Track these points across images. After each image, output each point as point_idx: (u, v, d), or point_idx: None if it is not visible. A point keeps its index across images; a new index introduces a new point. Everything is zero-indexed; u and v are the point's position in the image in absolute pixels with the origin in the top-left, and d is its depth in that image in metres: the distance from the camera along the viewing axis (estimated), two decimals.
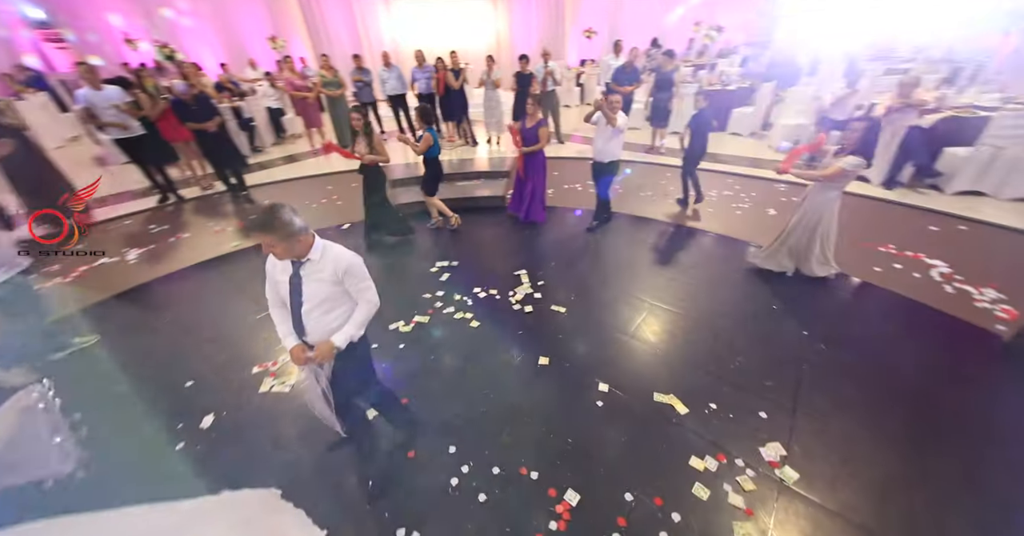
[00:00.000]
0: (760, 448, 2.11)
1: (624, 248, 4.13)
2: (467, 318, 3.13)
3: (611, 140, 3.84)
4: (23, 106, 7.23)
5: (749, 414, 2.30)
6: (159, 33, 11.22)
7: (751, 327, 2.98)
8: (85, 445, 2.16)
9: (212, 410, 2.41)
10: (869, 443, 2.12)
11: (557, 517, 1.84)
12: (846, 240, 3.48)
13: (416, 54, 6.46)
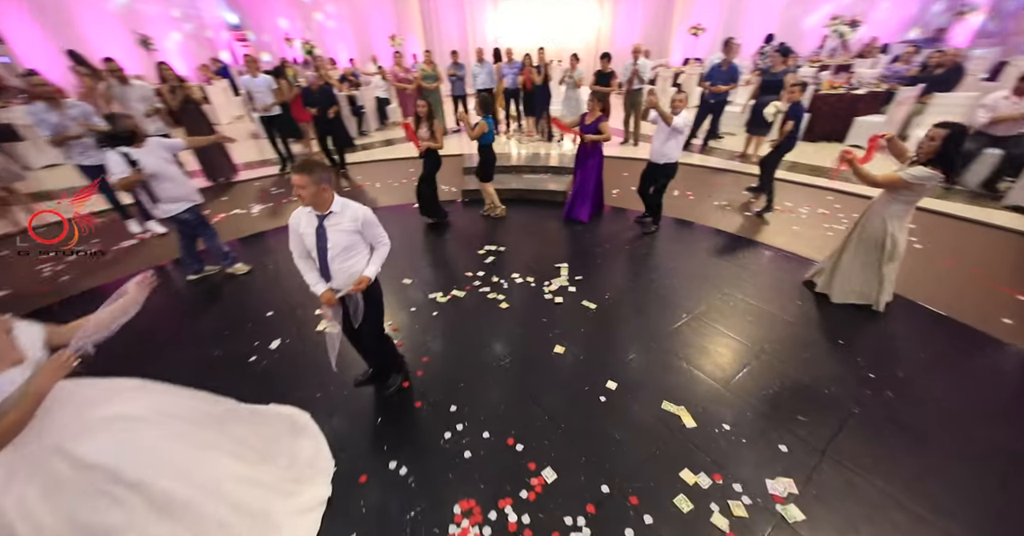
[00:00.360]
0: (768, 479, 1.93)
1: (678, 256, 3.92)
2: (499, 299, 3.32)
3: (668, 141, 3.66)
4: (210, 89, 9.30)
5: (767, 445, 2.10)
6: (311, 33, 13.38)
7: (802, 356, 2.66)
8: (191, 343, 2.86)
9: (280, 336, 2.97)
10: (903, 516, 1.79)
11: (530, 488, 1.93)
12: (979, 280, 2.87)
13: (506, 51, 6.78)
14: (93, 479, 1.22)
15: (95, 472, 1.23)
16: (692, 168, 6.17)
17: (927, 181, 2.40)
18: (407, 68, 7.38)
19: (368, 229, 1.91)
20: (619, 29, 12.13)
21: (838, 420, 2.22)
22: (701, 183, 5.60)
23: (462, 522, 1.80)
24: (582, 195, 4.40)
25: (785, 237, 4.10)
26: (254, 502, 1.56)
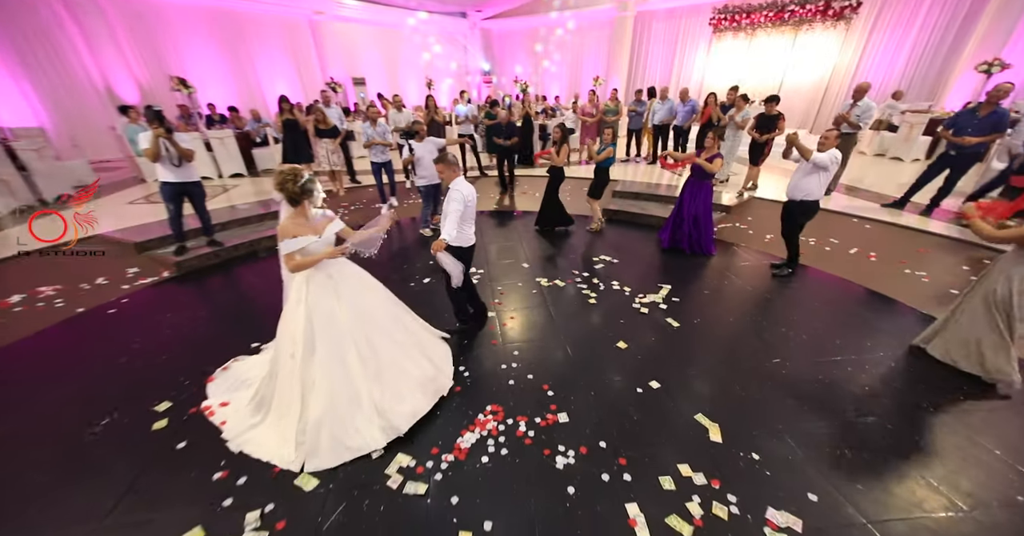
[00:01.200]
0: (771, 508, 1.89)
1: (808, 309, 3.52)
2: (590, 296, 3.81)
3: (807, 176, 3.40)
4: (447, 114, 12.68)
5: (794, 486, 2.00)
6: (536, 77, 16.46)
7: (886, 425, 2.23)
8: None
9: (431, 277, 4.26)
10: None
11: (544, 418, 2.45)
12: None
13: (681, 91, 7.05)
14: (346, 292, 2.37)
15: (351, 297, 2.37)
16: (894, 228, 5.03)
17: None
18: (596, 104, 8.49)
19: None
20: (868, 66, 10.31)
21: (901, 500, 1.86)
22: (897, 246, 4.57)
23: (488, 416, 2.47)
24: (701, 227, 4.39)
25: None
26: (412, 366, 2.52)
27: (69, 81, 7.84)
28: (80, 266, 4.27)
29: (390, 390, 2.35)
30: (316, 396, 2.16)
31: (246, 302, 3.93)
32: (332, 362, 2.19)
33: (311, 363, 2.18)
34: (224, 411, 2.46)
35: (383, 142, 5.58)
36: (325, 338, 2.18)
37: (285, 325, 2.25)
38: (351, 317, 2.26)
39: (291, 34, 11.26)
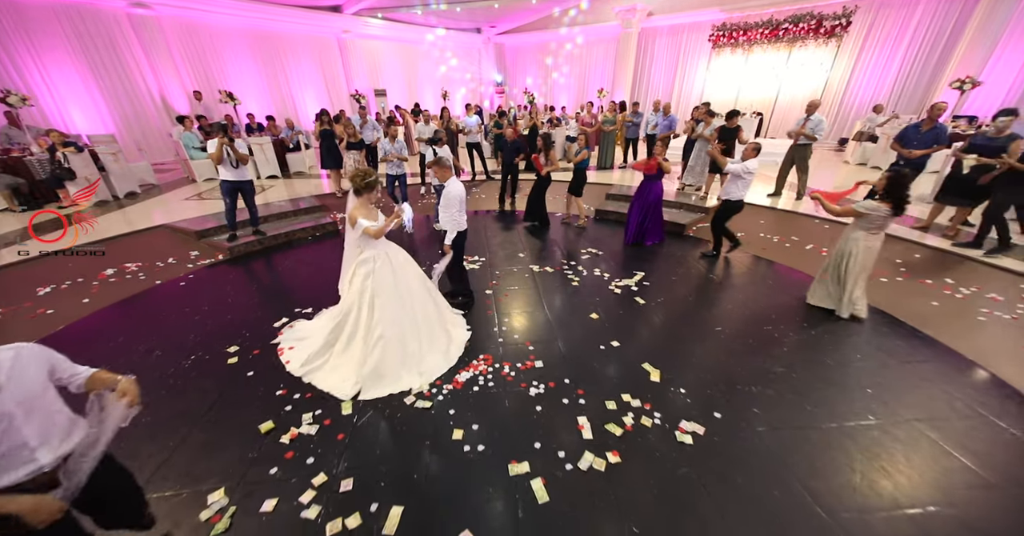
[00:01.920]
0: (683, 420, 2.55)
1: (750, 291, 4.16)
2: (573, 279, 4.50)
3: (730, 182, 4.32)
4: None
5: (705, 407, 2.65)
6: (546, 88, 17.34)
7: (771, 352, 2.87)
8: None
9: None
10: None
11: (523, 363, 3.14)
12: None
13: (664, 105, 7.76)
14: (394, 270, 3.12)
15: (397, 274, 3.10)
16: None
17: (873, 211, 3.17)
18: (594, 115, 9.24)
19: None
20: (859, 80, 10.85)
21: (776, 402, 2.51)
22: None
23: (480, 362, 3.18)
24: (655, 219, 5.16)
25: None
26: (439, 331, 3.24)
27: (131, 92, 8.98)
28: (153, 249, 5.16)
29: (424, 347, 3.06)
30: (375, 348, 2.84)
31: (284, 280, 4.74)
32: (388, 322, 2.87)
33: (372, 321, 2.86)
34: (290, 353, 3.20)
35: (400, 157, 6.22)
36: (384, 302, 2.86)
37: (353, 290, 2.91)
38: (402, 287, 2.97)
39: (321, 51, 12.37)
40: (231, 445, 2.44)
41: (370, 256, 2.86)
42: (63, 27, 7.91)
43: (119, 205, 6.46)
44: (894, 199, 3.11)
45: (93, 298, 4.01)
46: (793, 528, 1.95)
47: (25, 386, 1.25)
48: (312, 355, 3.07)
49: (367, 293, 2.86)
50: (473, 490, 2.16)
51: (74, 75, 8.16)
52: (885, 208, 3.13)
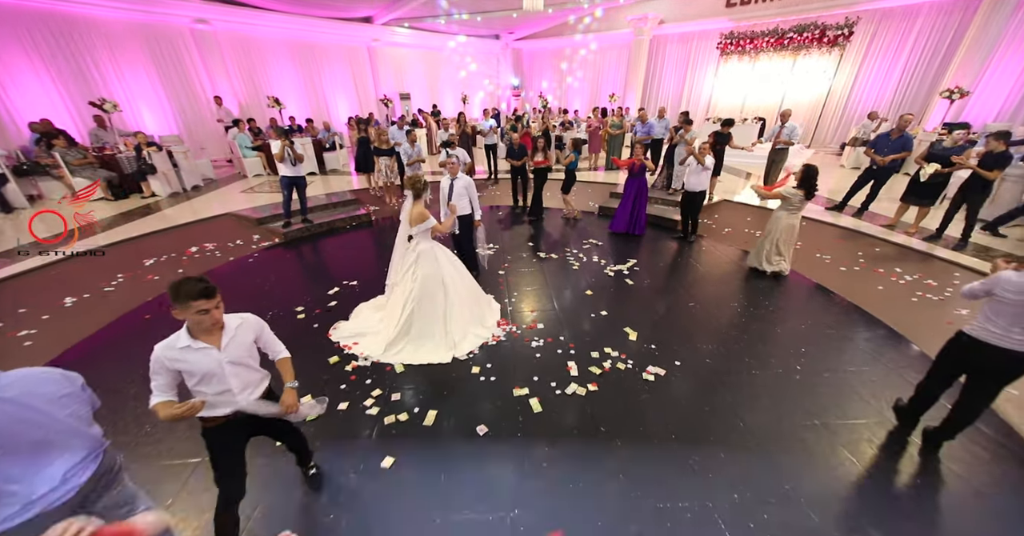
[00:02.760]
0: (650, 365, 3.32)
1: (718, 272, 4.88)
2: (574, 264, 5.27)
3: (695, 175, 5.19)
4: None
5: (671, 357, 3.41)
6: (560, 91, 18.07)
7: (713, 310, 3.60)
8: None
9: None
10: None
11: (528, 325, 3.94)
12: None
13: (660, 110, 8.45)
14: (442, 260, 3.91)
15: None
16: (825, 226, 6.25)
17: (792, 196, 4.23)
18: (602, 120, 9.95)
19: (470, 189, 4.37)
20: (861, 87, 11.27)
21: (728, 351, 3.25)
22: (822, 239, 5.80)
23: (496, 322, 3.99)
24: (640, 211, 5.98)
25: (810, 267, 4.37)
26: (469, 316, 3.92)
27: (191, 97, 10.15)
28: (222, 232, 6.15)
29: (458, 329, 3.69)
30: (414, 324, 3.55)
31: (329, 260, 5.66)
32: (430, 304, 3.53)
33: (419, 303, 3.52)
34: (358, 347, 3.69)
35: (419, 159, 7.04)
36: (428, 288, 3.52)
37: (404, 275, 3.57)
38: (443, 276, 3.63)
39: (352, 58, 13.40)
40: (311, 371, 3.32)
41: (427, 248, 3.53)
42: (139, 42, 9.10)
43: (187, 197, 7.53)
44: (805, 187, 4.14)
45: (186, 268, 5.00)
46: (715, 430, 2.71)
47: (240, 346, 1.72)
48: (390, 343, 3.51)
49: (433, 278, 3.51)
50: (487, 403, 2.98)
51: (146, 83, 9.34)
52: (799, 193, 4.19)
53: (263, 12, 10.63)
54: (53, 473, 1.36)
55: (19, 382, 1.40)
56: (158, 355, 1.60)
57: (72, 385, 1.58)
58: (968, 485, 2.31)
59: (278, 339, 2.06)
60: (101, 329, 3.79)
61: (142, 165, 6.87)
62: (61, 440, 1.42)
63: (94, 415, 1.58)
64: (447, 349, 3.51)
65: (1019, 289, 1.97)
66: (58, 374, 1.54)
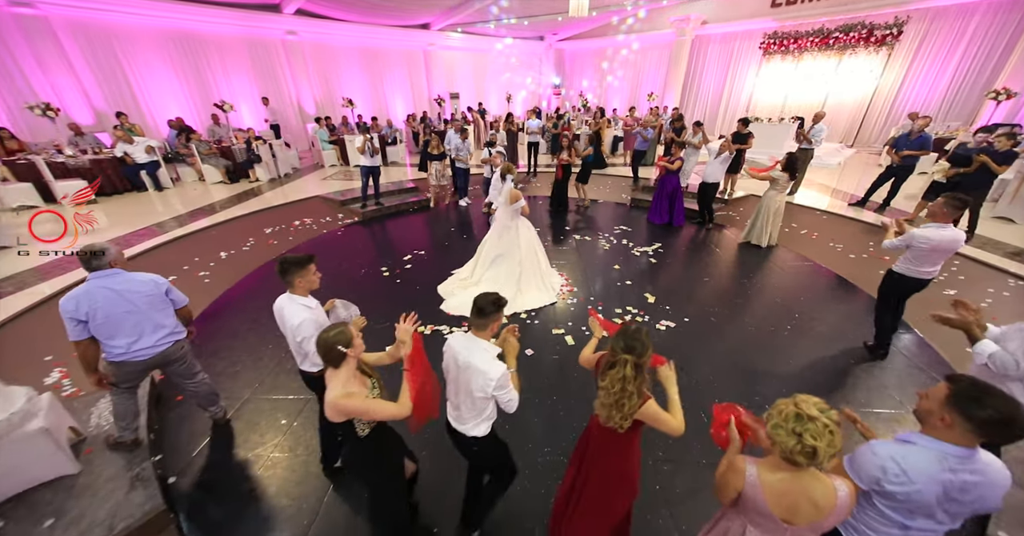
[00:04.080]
0: (663, 319, 4.17)
1: (734, 259, 5.57)
2: (605, 246, 6.13)
3: (714, 167, 5.93)
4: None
5: (682, 314, 4.24)
6: (600, 90, 18.65)
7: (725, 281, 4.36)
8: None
9: None
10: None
11: (565, 291, 4.89)
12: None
13: (673, 112, 8.96)
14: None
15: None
16: (845, 220, 6.70)
17: (779, 177, 5.21)
18: (637, 118, 10.59)
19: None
20: (910, 88, 11.16)
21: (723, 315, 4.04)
22: (837, 231, 6.29)
23: None
24: (676, 206, 6.64)
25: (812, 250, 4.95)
26: (537, 282, 5.02)
27: (280, 98, 11.85)
28: (314, 211, 7.52)
29: (552, 280, 4.78)
30: (522, 278, 4.57)
31: (398, 235, 6.82)
32: (533, 263, 4.63)
33: (498, 266, 4.63)
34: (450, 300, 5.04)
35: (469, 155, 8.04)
36: (531, 250, 4.61)
37: (511, 244, 4.57)
38: (534, 243, 4.70)
39: (410, 61, 14.77)
40: (401, 308, 4.44)
41: (524, 222, 4.61)
42: (244, 52, 10.84)
43: (281, 182, 9.06)
44: (789, 171, 5.22)
45: (294, 237, 6.35)
46: (709, 365, 3.54)
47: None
48: (511, 299, 4.51)
49: (533, 242, 4.62)
50: (535, 338, 3.96)
51: (247, 86, 11.09)
52: (784, 175, 5.22)
53: (339, 23, 12.13)
54: (141, 343, 2.23)
55: (128, 282, 2.19)
56: (316, 314, 2.15)
57: (158, 290, 2.27)
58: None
59: None
60: (247, 276, 5.13)
61: (251, 155, 8.42)
62: (146, 324, 2.25)
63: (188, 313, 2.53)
64: (548, 293, 4.61)
65: (929, 240, 2.87)
66: (150, 281, 2.26)
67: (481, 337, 1.71)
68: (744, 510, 1.33)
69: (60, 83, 8.46)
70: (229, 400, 3.09)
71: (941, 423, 1.20)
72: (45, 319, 4.03)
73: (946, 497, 1.20)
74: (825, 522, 1.20)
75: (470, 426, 1.76)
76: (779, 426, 1.18)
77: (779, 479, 1.23)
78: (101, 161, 7.29)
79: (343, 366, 1.56)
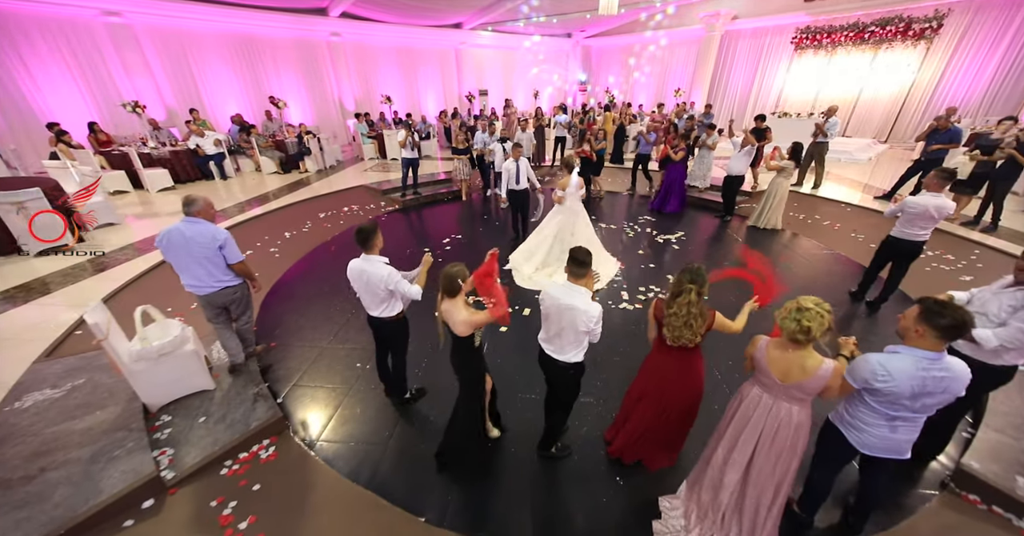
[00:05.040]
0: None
1: (759, 244, 5.86)
2: (630, 234, 6.52)
3: (739, 160, 6.21)
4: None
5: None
6: (627, 86, 18.77)
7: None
8: None
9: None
10: None
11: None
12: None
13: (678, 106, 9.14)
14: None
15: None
16: (868, 211, 6.83)
17: (786, 166, 5.69)
18: (664, 115, 10.82)
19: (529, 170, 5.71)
20: (950, 82, 10.91)
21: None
22: (859, 222, 6.47)
23: None
24: (673, 192, 7.00)
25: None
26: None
27: (322, 95, 12.73)
28: (360, 199, 8.22)
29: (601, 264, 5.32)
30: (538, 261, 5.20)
31: (436, 221, 7.42)
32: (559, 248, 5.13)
33: (593, 238, 5.18)
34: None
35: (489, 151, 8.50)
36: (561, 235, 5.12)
37: (577, 223, 5.09)
38: (575, 226, 5.15)
39: (442, 60, 15.40)
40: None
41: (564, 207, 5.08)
42: (293, 53, 11.75)
43: (327, 173, 9.85)
44: (795, 159, 5.80)
45: (344, 221, 7.05)
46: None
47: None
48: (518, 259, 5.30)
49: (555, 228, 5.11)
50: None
51: (295, 85, 12.01)
52: (791, 163, 5.79)
53: (378, 24, 12.85)
54: (196, 282, 2.77)
55: (196, 231, 2.66)
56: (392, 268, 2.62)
57: (213, 243, 2.68)
58: None
59: None
60: (310, 252, 5.83)
61: (302, 148, 9.21)
62: (198, 268, 2.76)
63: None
64: (611, 265, 5.23)
65: (919, 205, 3.48)
66: (210, 234, 2.69)
67: (579, 284, 2.07)
68: (756, 374, 1.90)
69: (140, 83, 9.48)
70: (309, 348, 3.74)
71: (916, 334, 1.60)
72: (161, 279, 4.80)
73: (922, 390, 1.60)
74: (809, 383, 1.71)
75: (570, 355, 2.18)
76: (785, 317, 1.68)
77: (780, 354, 1.77)
78: (178, 152, 8.22)
79: (458, 295, 2.09)
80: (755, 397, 1.90)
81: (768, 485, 1.89)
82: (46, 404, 2.68)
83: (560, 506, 2.37)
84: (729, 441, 1.99)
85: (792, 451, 1.82)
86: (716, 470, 2.04)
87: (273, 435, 2.74)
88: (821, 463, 2.02)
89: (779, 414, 1.81)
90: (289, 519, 2.23)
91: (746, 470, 1.95)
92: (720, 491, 2.02)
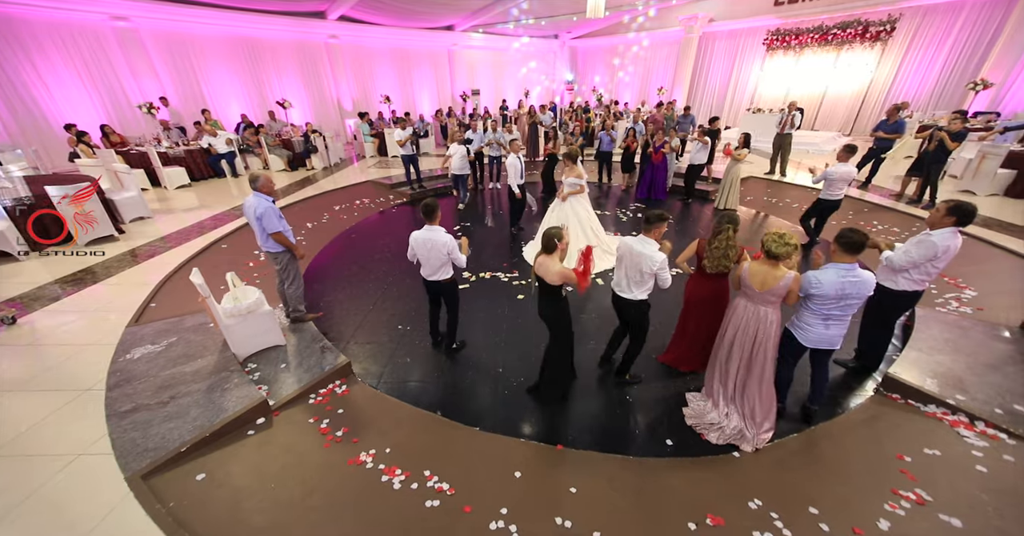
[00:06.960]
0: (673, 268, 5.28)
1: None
2: (624, 219, 7.23)
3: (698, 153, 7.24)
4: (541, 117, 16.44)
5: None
6: (612, 86, 19.59)
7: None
8: None
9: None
10: None
11: None
12: None
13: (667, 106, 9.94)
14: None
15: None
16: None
17: (742, 153, 6.71)
18: (650, 112, 11.59)
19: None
20: (903, 79, 11.99)
21: None
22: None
23: None
24: (658, 183, 7.80)
25: None
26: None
27: (322, 96, 13.10)
28: (369, 193, 8.72)
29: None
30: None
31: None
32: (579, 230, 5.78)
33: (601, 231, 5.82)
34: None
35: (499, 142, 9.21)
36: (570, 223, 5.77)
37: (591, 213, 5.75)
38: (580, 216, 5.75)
39: (435, 61, 15.90)
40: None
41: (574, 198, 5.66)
42: (293, 55, 12.10)
43: (332, 171, 10.29)
44: (747, 146, 6.69)
45: (359, 212, 7.57)
46: None
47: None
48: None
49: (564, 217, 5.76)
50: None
51: (295, 86, 12.36)
52: (745, 150, 6.68)
53: (374, 26, 13.30)
54: (261, 246, 3.81)
55: (250, 202, 3.26)
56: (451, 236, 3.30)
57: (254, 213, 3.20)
58: None
59: None
60: (333, 238, 6.35)
61: (308, 146, 9.63)
62: (258, 234, 3.37)
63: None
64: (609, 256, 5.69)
65: (835, 172, 4.93)
66: (252, 206, 3.21)
67: (650, 237, 2.73)
68: (742, 288, 2.61)
69: (146, 85, 9.74)
70: (353, 315, 4.30)
71: (834, 253, 2.42)
72: (227, 253, 5.36)
73: (843, 293, 2.35)
74: (777, 288, 2.44)
75: (637, 293, 2.81)
76: (772, 241, 2.42)
77: (759, 268, 2.51)
78: (192, 151, 8.56)
79: (555, 252, 2.58)
80: (742, 305, 2.64)
81: (757, 366, 2.63)
82: (152, 356, 3.19)
83: (608, 408, 3.03)
84: (727, 340, 2.71)
85: (769, 339, 2.56)
86: (722, 362, 2.78)
87: (342, 377, 3.31)
88: (782, 359, 2.76)
89: (759, 315, 2.55)
90: (374, 432, 2.81)
91: (743, 360, 2.67)
92: (727, 379, 2.77)
